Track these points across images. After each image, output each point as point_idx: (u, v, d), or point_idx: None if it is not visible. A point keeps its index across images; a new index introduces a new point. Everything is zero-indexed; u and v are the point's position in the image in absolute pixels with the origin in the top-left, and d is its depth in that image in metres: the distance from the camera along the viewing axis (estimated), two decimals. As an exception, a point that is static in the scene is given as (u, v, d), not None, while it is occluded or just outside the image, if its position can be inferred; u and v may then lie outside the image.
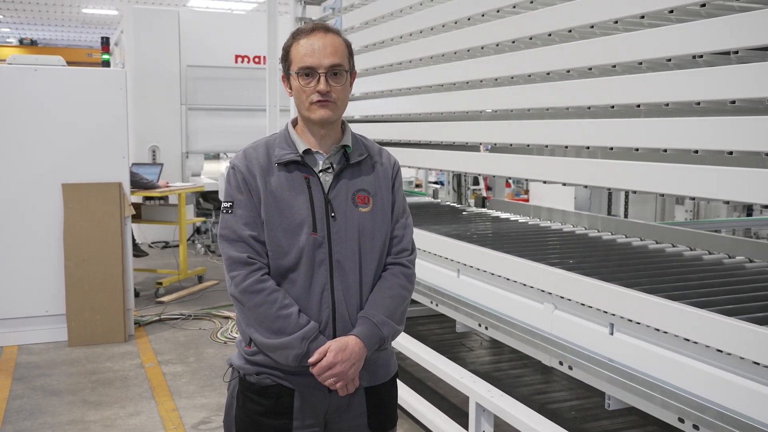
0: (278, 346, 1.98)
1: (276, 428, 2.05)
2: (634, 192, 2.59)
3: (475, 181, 11.31)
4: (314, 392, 2.05)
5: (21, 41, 25.39)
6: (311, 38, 2.01)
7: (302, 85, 2.01)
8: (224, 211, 2.06)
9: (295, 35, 2.05)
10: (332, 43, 2.01)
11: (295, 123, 2.14)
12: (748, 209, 7.15)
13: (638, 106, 2.51)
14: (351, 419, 2.11)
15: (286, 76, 2.08)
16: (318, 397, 2.06)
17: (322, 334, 2.01)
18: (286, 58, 2.06)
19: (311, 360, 1.97)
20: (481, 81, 3.47)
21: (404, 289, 2.13)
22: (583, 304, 2.76)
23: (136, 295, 6.81)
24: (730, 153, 2.13)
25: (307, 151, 2.07)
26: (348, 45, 2.08)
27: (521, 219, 4.95)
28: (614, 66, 2.60)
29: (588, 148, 2.85)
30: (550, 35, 2.96)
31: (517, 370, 4.86)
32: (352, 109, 4.93)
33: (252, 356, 2.06)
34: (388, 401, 2.19)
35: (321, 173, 2.07)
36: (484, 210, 5.52)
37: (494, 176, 5.99)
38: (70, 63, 6.11)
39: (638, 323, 2.49)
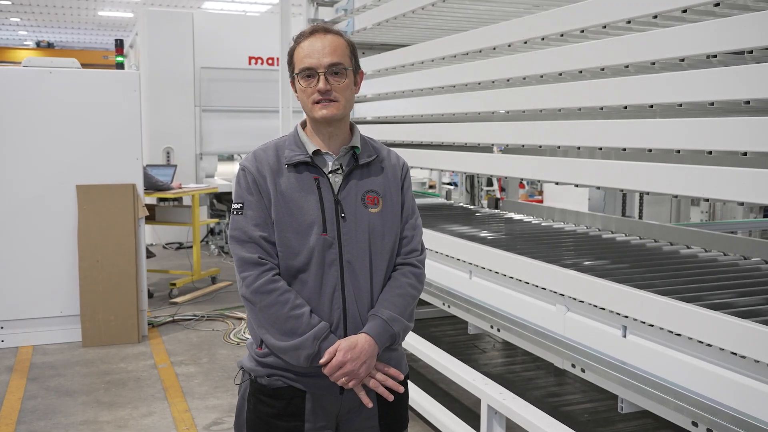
0: (290, 347, 1.98)
1: (288, 430, 2.06)
2: (648, 193, 2.57)
3: (489, 182, 11.28)
4: (326, 394, 2.05)
5: (38, 44, 25.69)
6: (311, 40, 2.03)
7: (304, 86, 2.03)
8: (234, 213, 2.07)
9: (297, 39, 2.07)
10: (331, 43, 2.02)
11: (304, 125, 2.15)
12: (765, 210, 7.08)
13: (651, 106, 2.49)
14: (362, 421, 2.11)
15: (292, 80, 2.09)
16: (330, 398, 2.06)
17: (333, 334, 2.01)
18: (290, 62, 2.08)
19: (321, 361, 1.97)
20: (493, 82, 3.46)
21: (414, 288, 2.14)
22: (596, 306, 2.74)
23: (150, 296, 6.84)
24: (745, 154, 2.11)
25: (317, 153, 2.07)
26: (350, 45, 2.08)
27: (534, 220, 4.93)
28: (627, 66, 2.58)
29: (601, 149, 2.83)
30: (562, 35, 2.94)
31: (529, 373, 4.83)
32: (365, 111, 4.93)
33: (263, 358, 2.07)
34: (400, 402, 2.19)
35: (330, 174, 2.07)
36: (497, 211, 5.50)
37: (507, 177, 5.96)
38: (86, 65, 6.15)
39: (652, 326, 2.47)
